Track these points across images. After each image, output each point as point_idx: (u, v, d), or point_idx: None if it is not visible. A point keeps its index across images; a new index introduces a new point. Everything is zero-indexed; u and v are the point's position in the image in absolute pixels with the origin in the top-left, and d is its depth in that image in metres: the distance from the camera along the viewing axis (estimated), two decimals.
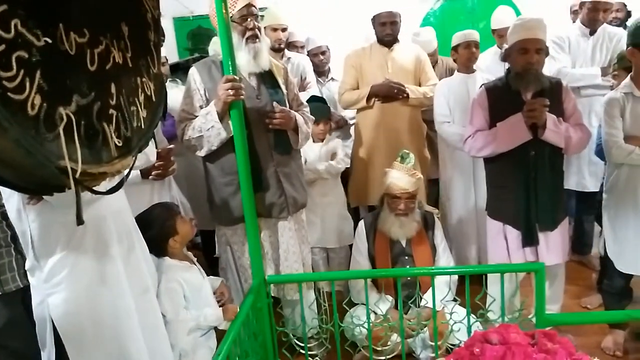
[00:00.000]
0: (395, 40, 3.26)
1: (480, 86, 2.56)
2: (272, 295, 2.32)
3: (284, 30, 3.48)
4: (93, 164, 0.89)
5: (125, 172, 1.11)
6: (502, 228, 2.46)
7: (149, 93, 1.16)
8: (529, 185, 2.35)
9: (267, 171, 2.33)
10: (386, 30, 3.20)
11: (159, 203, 2.14)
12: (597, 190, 3.24)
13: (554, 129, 2.29)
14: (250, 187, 2.11)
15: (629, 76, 2.34)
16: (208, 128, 2.18)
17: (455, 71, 3.21)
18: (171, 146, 2.28)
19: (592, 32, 3.22)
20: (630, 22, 3.77)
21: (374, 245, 2.68)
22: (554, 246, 2.41)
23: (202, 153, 2.30)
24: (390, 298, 2.55)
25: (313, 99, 3.22)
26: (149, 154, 2.06)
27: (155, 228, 1.90)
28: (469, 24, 5.13)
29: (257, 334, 2.17)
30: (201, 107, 2.26)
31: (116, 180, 1.15)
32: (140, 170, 2.11)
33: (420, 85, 3.28)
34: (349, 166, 3.57)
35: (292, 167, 2.43)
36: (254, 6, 2.25)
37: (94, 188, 0.94)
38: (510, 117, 2.32)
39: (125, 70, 1.06)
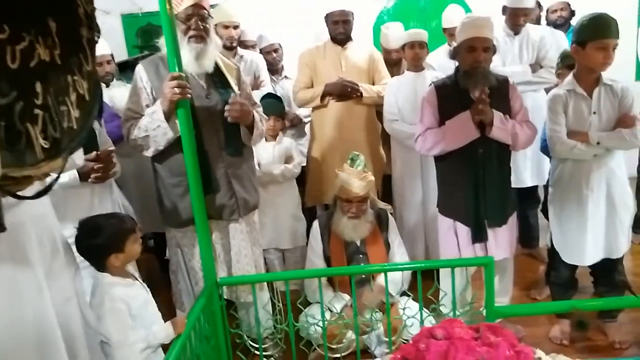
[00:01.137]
0: (348, 38, 3.27)
1: (430, 84, 2.58)
2: (226, 297, 2.29)
3: (235, 27, 3.42)
4: (15, 167, 0.84)
5: (55, 175, 1.05)
6: (453, 224, 2.50)
7: (81, 92, 1.10)
8: (477, 183, 2.40)
9: (217, 172, 2.28)
10: (339, 28, 3.21)
11: (116, 214, 2.03)
12: (536, 184, 3.35)
13: (500, 126, 2.33)
14: (199, 189, 2.06)
15: (571, 73, 2.41)
16: (154, 127, 2.12)
17: (405, 70, 3.25)
18: (112, 148, 2.20)
19: (517, 33, 3.30)
20: (574, 20, 3.94)
21: (328, 245, 2.68)
22: (502, 241, 2.47)
23: (149, 153, 2.24)
24: (346, 297, 2.55)
25: (267, 96, 3.19)
26: (75, 158, 1.95)
27: (102, 238, 1.76)
28: (421, 22, 5.21)
29: (210, 337, 2.12)
30: (148, 106, 2.19)
31: (47, 183, 1.08)
32: (79, 173, 2.03)
33: (374, 84, 3.30)
34: (304, 164, 3.57)
35: (244, 168, 2.39)
36: (203, 7, 2.18)
37: (19, 193, 0.89)
38: (458, 114, 2.35)
39: (53, 68, 1.00)
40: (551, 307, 2.29)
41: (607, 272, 2.50)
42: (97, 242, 1.76)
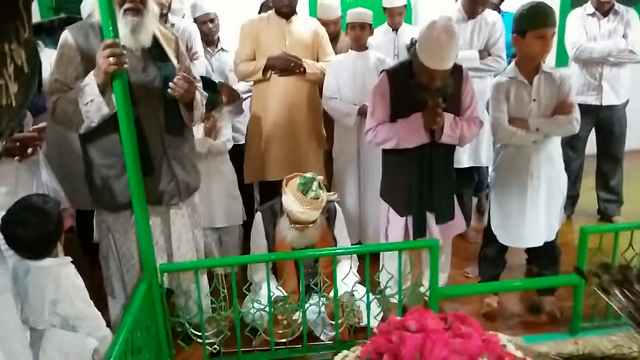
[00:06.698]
0: (293, 12, 3.15)
1: (382, 71, 2.47)
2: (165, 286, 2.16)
3: None
4: None
5: None
6: (388, 210, 2.51)
7: (19, 63, 0.94)
8: (422, 178, 2.38)
9: (156, 154, 2.10)
10: (284, 1, 3.07)
11: (41, 194, 1.89)
12: (472, 165, 3.44)
13: (450, 133, 2.30)
14: (138, 172, 1.91)
15: (514, 61, 2.46)
16: (87, 102, 1.89)
17: (349, 48, 3.19)
18: (44, 124, 1.97)
19: (471, 18, 3.28)
20: (504, 7, 4.00)
21: (274, 243, 2.55)
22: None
23: (81, 130, 2.00)
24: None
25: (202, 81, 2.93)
26: None
27: (52, 223, 1.70)
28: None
29: (150, 326, 2.01)
30: (77, 78, 1.97)
31: None
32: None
33: (317, 61, 3.21)
34: (241, 142, 3.43)
35: (184, 149, 2.23)
36: None
37: None
38: (410, 116, 2.29)
39: None
40: (492, 287, 2.37)
41: (546, 252, 2.59)
42: (47, 229, 1.69)
